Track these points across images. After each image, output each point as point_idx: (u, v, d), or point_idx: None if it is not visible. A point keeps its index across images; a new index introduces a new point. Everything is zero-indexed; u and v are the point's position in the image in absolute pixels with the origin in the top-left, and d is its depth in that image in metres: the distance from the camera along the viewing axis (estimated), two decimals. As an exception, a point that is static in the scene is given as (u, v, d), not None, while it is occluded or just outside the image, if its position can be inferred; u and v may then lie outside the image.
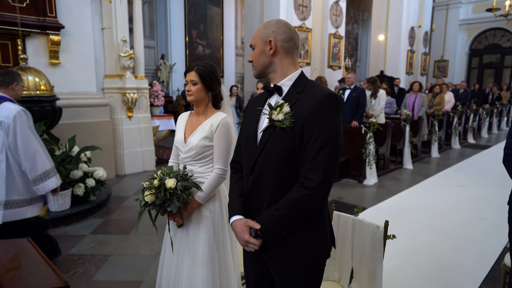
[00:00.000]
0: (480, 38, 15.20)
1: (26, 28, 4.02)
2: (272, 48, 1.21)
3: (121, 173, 5.22)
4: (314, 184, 1.10)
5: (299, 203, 1.13)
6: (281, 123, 1.14)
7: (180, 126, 1.76)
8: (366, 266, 1.61)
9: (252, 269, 1.34)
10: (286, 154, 1.15)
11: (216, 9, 11.62)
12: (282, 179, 1.17)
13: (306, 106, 1.14)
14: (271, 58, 1.22)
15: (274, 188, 1.18)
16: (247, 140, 1.28)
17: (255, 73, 1.27)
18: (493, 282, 2.50)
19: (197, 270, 1.64)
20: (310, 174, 1.11)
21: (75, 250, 2.93)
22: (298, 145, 1.14)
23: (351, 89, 5.32)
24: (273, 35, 1.21)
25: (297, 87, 1.21)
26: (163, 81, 10.63)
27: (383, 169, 5.66)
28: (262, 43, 1.22)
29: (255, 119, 1.27)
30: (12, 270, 1.33)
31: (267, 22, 1.25)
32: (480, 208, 4.05)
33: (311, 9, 7.48)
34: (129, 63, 5.08)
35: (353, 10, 14.54)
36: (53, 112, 3.73)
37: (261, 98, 1.32)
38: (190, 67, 1.67)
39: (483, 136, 9.59)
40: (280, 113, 1.14)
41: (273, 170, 1.18)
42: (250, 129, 1.27)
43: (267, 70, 1.24)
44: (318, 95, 1.15)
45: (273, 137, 1.17)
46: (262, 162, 1.19)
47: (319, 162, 1.11)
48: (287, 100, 1.18)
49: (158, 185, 1.56)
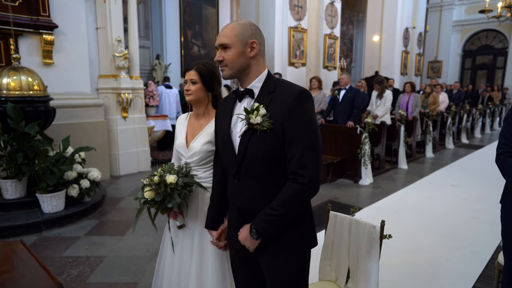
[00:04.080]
0: (473, 39, 15.38)
1: (19, 27, 3.98)
2: (253, 50, 1.20)
3: (116, 174, 5.18)
4: (307, 179, 1.13)
5: (295, 199, 1.15)
6: (260, 126, 1.15)
7: (181, 129, 1.71)
8: (362, 266, 1.61)
9: (240, 266, 1.36)
10: (268, 155, 1.17)
11: (211, 9, 11.60)
12: (266, 181, 1.20)
13: (281, 105, 1.15)
14: (250, 60, 1.21)
15: (260, 190, 1.21)
16: (223, 145, 1.29)
17: (228, 74, 1.23)
18: (486, 281, 2.53)
19: (206, 277, 1.59)
20: (301, 170, 1.13)
21: (69, 252, 2.90)
22: (279, 145, 1.16)
23: (346, 89, 5.37)
24: (253, 37, 1.20)
25: (268, 87, 1.21)
26: (158, 81, 10.58)
27: (378, 169, 5.69)
28: (241, 44, 1.19)
29: (227, 123, 1.27)
30: (4, 272, 1.31)
31: (240, 22, 1.22)
32: (473, 207, 4.09)
33: (306, 10, 7.50)
34: (124, 63, 5.05)
35: (348, 11, 14.61)
36: (47, 113, 3.69)
37: (229, 101, 1.31)
38: (190, 66, 1.62)
39: (476, 136, 9.70)
40: (258, 116, 1.15)
41: (258, 172, 1.19)
42: (223, 134, 1.28)
43: (243, 72, 1.22)
44: (291, 93, 1.16)
45: (253, 140, 1.17)
46: (245, 165, 1.20)
47: (308, 158, 1.13)
48: (260, 101, 1.18)
49: (158, 181, 1.52)
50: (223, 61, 1.21)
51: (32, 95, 3.54)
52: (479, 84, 13.99)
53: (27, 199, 3.52)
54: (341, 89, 5.43)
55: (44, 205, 3.41)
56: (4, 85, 3.44)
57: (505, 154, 1.67)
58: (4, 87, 3.44)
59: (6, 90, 3.44)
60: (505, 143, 1.67)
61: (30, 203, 3.49)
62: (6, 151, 3.44)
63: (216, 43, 1.23)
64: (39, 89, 3.61)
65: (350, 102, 5.28)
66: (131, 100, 5.24)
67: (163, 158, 6.33)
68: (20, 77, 3.50)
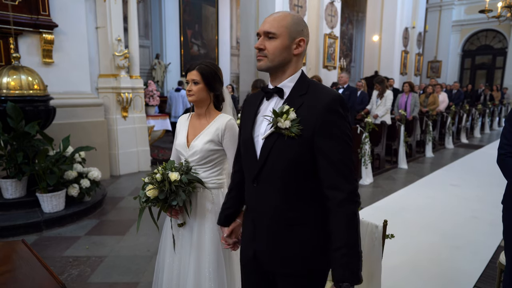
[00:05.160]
0: (472, 39, 15.40)
1: (19, 26, 3.96)
2: (299, 48, 1.11)
3: (116, 174, 5.17)
4: (346, 193, 1.04)
5: (352, 222, 1.04)
6: (289, 131, 1.05)
7: (182, 129, 1.70)
8: (365, 265, 1.60)
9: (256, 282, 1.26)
10: (293, 162, 1.07)
11: (211, 9, 11.59)
12: (288, 188, 1.10)
13: (313, 110, 1.05)
14: (293, 57, 1.11)
15: (280, 198, 1.11)
16: (245, 146, 1.19)
17: (266, 66, 1.10)
18: (488, 281, 2.53)
19: (203, 271, 1.60)
20: (338, 186, 1.04)
21: (70, 251, 2.89)
22: (307, 153, 1.06)
23: (343, 88, 5.53)
24: (303, 35, 1.11)
25: (300, 88, 1.11)
26: (158, 81, 10.57)
27: (379, 169, 5.69)
28: (289, 38, 1.08)
29: (251, 122, 1.18)
30: (6, 272, 1.30)
31: (294, 15, 1.11)
32: (474, 207, 4.09)
33: (306, 9, 7.50)
34: (124, 62, 5.04)
35: (348, 10, 14.62)
36: (47, 112, 3.68)
37: (256, 99, 1.22)
38: (192, 66, 1.60)
39: (475, 136, 9.71)
40: (287, 120, 1.05)
41: (279, 179, 1.09)
42: (246, 134, 1.19)
43: (282, 67, 1.11)
44: (325, 97, 1.06)
45: (278, 145, 1.08)
46: (267, 171, 1.11)
47: (342, 171, 1.04)
48: (290, 103, 1.08)
49: (161, 179, 1.50)
50: (263, 50, 1.09)
51: (32, 94, 3.53)
52: (479, 84, 14.02)
53: (27, 198, 3.51)
54: (339, 88, 5.55)
55: (44, 205, 3.40)
56: (4, 84, 3.43)
57: (506, 154, 1.66)
58: (4, 86, 3.43)
59: (6, 89, 3.43)
60: (507, 144, 1.66)
61: (30, 203, 3.48)
62: (6, 150, 3.43)
63: (260, 29, 1.11)
64: (39, 89, 3.60)
65: (347, 100, 5.39)
66: (131, 100, 5.23)
67: (163, 158, 6.33)
68: (20, 76, 3.49)
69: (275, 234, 1.14)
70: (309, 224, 1.12)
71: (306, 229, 1.11)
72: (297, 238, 1.12)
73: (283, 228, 1.12)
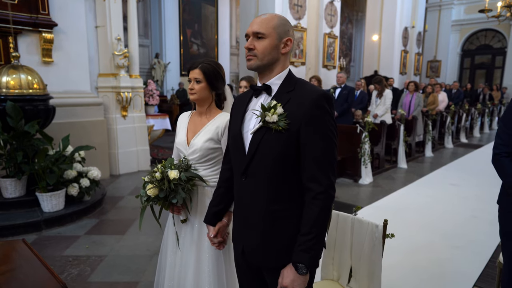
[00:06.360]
0: (471, 39, 15.41)
1: (18, 25, 3.95)
2: (287, 48, 1.16)
3: (115, 173, 5.17)
4: (324, 187, 1.10)
5: (323, 212, 1.10)
6: (276, 125, 1.10)
7: (182, 127, 1.70)
8: (365, 265, 1.61)
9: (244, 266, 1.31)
10: (280, 156, 1.12)
11: (211, 8, 11.58)
12: (275, 182, 1.14)
13: (299, 106, 1.10)
14: (280, 56, 1.17)
15: (268, 191, 1.15)
16: (234, 141, 1.24)
17: (255, 65, 1.16)
18: (487, 280, 2.53)
19: (203, 267, 1.61)
20: (317, 179, 1.10)
21: (70, 251, 2.89)
22: (293, 147, 1.11)
23: (341, 87, 5.57)
24: (289, 35, 1.17)
25: (287, 85, 1.17)
26: (157, 80, 10.56)
27: (378, 168, 5.70)
28: (277, 38, 1.14)
29: (240, 118, 1.23)
30: (7, 271, 1.30)
31: (280, 17, 1.18)
32: (473, 206, 4.10)
33: (306, 9, 7.49)
34: (123, 61, 5.03)
35: (347, 10, 14.61)
36: (46, 111, 3.67)
37: (245, 97, 1.28)
38: (195, 64, 1.60)
39: (475, 136, 9.72)
40: (274, 114, 1.10)
41: (267, 172, 1.14)
42: (235, 129, 1.23)
43: (270, 66, 1.17)
44: (311, 94, 1.11)
45: (266, 139, 1.13)
46: (255, 164, 1.16)
47: (323, 165, 1.10)
48: (278, 99, 1.14)
49: (161, 178, 1.51)
50: (253, 49, 1.15)
51: (31, 93, 3.53)
52: (478, 84, 14.03)
53: (27, 198, 3.51)
54: (337, 87, 5.62)
55: (44, 204, 3.40)
56: (4, 84, 3.42)
57: (501, 154, 1.66)
58: (3, 86, 3.42)
59: (6, 88, 3.42)
60: (501, 144, 1.66)
61: (29, 202, 3.47)
62: (5, 149, 3.43)
63: (248, 30, 1.16)
64: (38, 88, 3.60)
65: (345, 99, 5.50)
66: (130, 99, 5.23)
67: (162, 157, 6.32)
68: (20, 75, 3.49)
69: (262, 228, 1.18)
70: (295, 217, 1.16)
71: (292, 222, 1.16)
72: (283, 231, 1.16)
73: (269, 222, 1.16)
